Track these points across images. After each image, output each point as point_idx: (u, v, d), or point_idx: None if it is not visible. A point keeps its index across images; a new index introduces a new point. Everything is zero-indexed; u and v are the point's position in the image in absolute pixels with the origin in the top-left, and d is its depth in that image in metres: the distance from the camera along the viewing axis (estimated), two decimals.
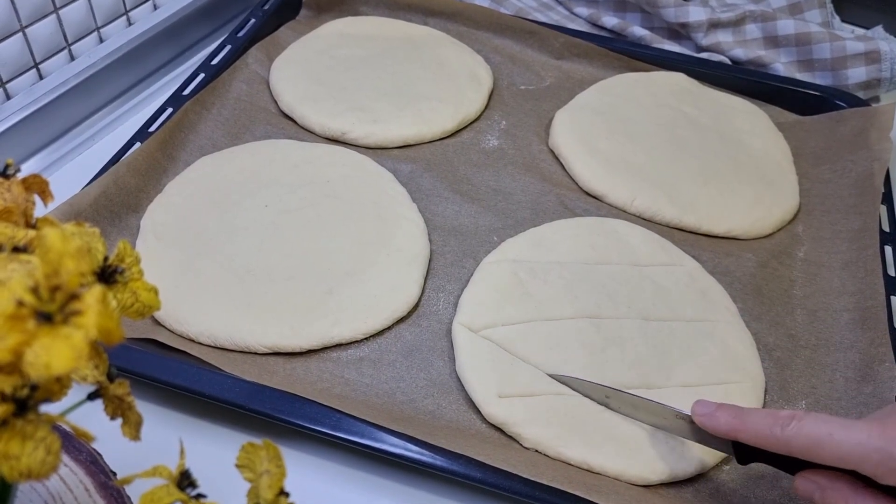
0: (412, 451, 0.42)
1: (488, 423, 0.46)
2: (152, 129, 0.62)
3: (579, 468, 0.44)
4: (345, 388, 0.47)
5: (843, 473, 0.36)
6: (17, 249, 0.24)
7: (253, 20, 0.75)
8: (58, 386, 0.22)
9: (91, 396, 0.26)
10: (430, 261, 0.55)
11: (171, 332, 0.49)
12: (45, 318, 0.19)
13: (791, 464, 0.38)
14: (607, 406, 0.47)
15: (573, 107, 0.70)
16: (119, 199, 0.55)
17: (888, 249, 0.58)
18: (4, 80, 0.64)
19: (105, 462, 0.36)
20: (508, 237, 0.57)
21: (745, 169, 0.65)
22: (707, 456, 0.45)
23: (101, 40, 0.72)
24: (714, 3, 0.83)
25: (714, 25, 0.81)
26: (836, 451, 0.35)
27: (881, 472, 0.34)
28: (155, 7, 0.77)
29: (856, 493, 0.36)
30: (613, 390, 0.46)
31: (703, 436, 0.42)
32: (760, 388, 0.49)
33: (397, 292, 0.52)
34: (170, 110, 0.64)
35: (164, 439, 0.32)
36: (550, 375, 0.48)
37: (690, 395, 0.47)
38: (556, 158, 0.66)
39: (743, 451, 0.40)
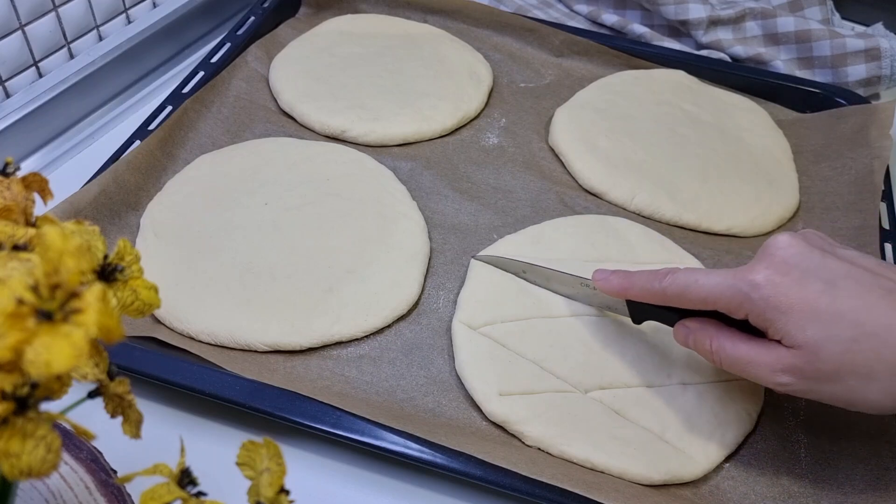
0: (412, 449, 0.42)
1: (489, 420, 0.46)
2: (152, 127, 0.62)
3: (580, 466, 0.44)
4: (345, 386, 0.47)
5: (709, 318, 0.43)
6: (16, 248, 0.24)
7: (252, 18, 0.75)
8: (58, 384, 0.22)
9: (91, 395, 0.26)
10: (430, 258, 0.55)
11: (172, 330, 0.49)
12: (46, 317, 0.19)
13: (673, 319, 0.45)
14: (525, 279, 0.52)
15: (573, 104, 0.70)
16: (119, 198, 0.55)
17: (888, 247, 0.58)
18: (4, 79, 0.64)
19: (105, 460, 0.36)
20: (508, 235, 0.57)
21: (745, 166, 0.65)
22: (711, 456, 0.45)
23: (101, 38, 0.72)
24: (714, 1, 0.83)
25: (714, 23, 0.81)
26: (699, 292, 0.41)
27: (733, 306, 0.40)
28: (154, 5, 0.77)
29: (719, 331, 0.42)
30: (528, 264, 0.52)
31: (604, 300, 0.49)
32: (761, 386, 0.49)
33: (397, 290, 0.52)
34: (169, 108, 0.64)
35: (165, 437, 0.33)
36: (474, 257, 0.54)
37: (691, 394, 0.48)
38: (556, 156, 0.66)
39: (636, 312, 0.47)
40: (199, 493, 0.25)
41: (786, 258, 0.39)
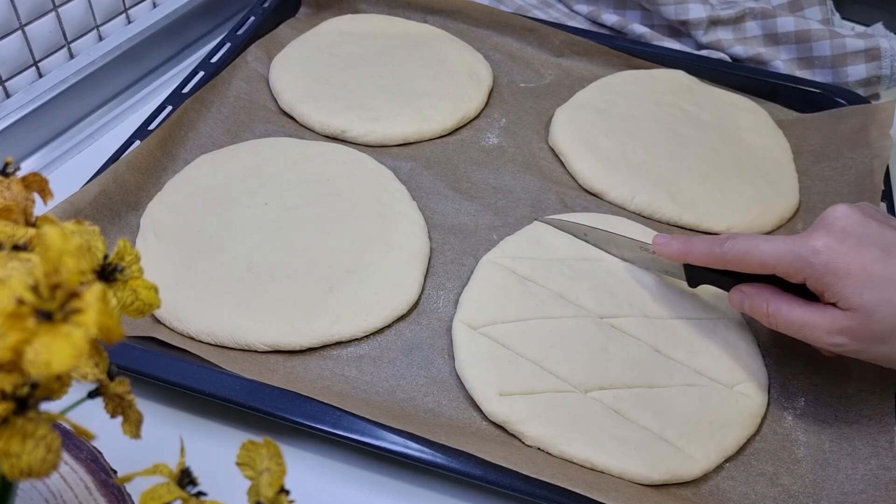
0: (412, 449, 0.42)
1: (489, 420, 0.46)
2: (152, 127, 0.62)
3: (580, 466, 0.44)
4: (345, 386, 0.47)
5: (766, 284, 0.45)
6: (16, 248, 0.24)
7: (252, 18, 0.75)
8: (58, 384, 0.22)
9: (91, 395, 0.26)
10: (429, 259, 0.55)
11: (172, 330, 0.49)
12: (46, 317, 0.19)
13: (729, 284, 0.47)
14: (587, 241, 0.55)
15: (573, 104, 0.69)
16: (119, 198, 0.55)
17: None
18: (4, 79, 0.64)
19: (105, 460, 0.36)
20: (508, 235, 0.57)
21: (745, 166, 0.65)
22: (710, 456, 0.45)
23: (101, 38, 0.72)
24: (714, 1, 0.83)
25: (714, 23, 0.81)
26: (760, 257, 0.44)
27: (792, 270, 0.43)
28: (154, 5, 0.77)
29: (775, 296, 0.44)
30: (590, 228, 0.55)
31: (661, 264, 0.52)
32: (764, 386, 0.49)
33: (397, 290, 0.52)
34: (169, 108, 0.64)
35: (165, 437, 0.32)
36: (538, 219, 0.57)
37: (694, 395, 0.48)
38: (556, 156, 0.66)
39: (692, 276, 0.50)
40: (199, 493, 0.25)
41: (844, 226, 0.42)
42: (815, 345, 0.44)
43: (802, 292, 0.44)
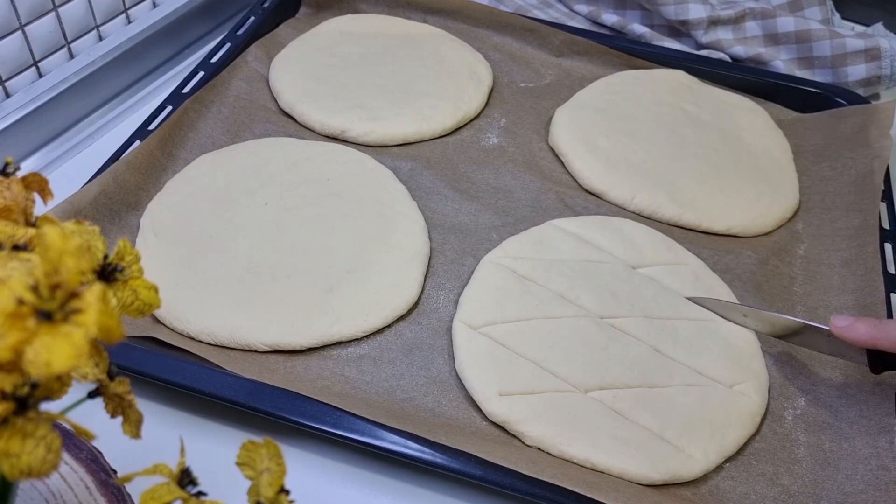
0: (412, 449, 0.42)
1: (489, 420, 0.46)
2: (152, 127, 0.62)
3: (580, 466, 0.44)
4: (345, 386, 0.47)
5: None
6: (16, 248, 0.24)
7: (252, 18, 0.75)
8: (58, 384, 0.22)
9: (91, 395, 0.26)
10: (429, 259, 0.55)
11: (172, 330, 0.49)
12: (46, 317, 0.19)
13: None
14: (745, 325, 0.51)
15: (573, 104, 0.69)
16: (119, 198, 0.55)
17: (888, 247, 0.58)
18: (4, 79, 0.64)
19: (105, 460, 0.36)
20: (508, 235, 0.57)
21: (745, 166, 0.65)
22: (710, 456, 0.45)
23: (101, 38, 0.72)
24: (714, 1, 0.83)
25: (714, 23, 0.81)
26: None
27: None
28: (154, 5, 0.77)
29: None
30: (751, 308, 0.50)
31: (839, 347, 0.46)
32: (764, 386, 0.49)
33: (397, 290, 0.52)
34: (169, 108, 0.64)
35: (165, 437, 0.33)
36: (689, 298, 0.51)
37: (694, 395, 0.48)
38: (556, 156, 0.66)
39: (879, 361, 0.44)
40: (199, 493, 0.25)
41: None
42: None
43: None
